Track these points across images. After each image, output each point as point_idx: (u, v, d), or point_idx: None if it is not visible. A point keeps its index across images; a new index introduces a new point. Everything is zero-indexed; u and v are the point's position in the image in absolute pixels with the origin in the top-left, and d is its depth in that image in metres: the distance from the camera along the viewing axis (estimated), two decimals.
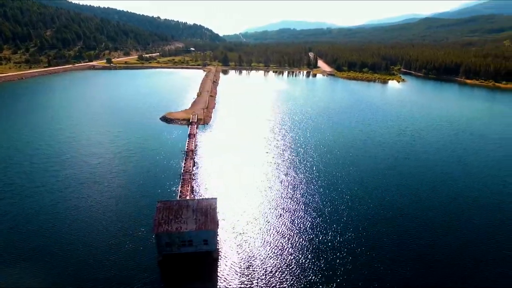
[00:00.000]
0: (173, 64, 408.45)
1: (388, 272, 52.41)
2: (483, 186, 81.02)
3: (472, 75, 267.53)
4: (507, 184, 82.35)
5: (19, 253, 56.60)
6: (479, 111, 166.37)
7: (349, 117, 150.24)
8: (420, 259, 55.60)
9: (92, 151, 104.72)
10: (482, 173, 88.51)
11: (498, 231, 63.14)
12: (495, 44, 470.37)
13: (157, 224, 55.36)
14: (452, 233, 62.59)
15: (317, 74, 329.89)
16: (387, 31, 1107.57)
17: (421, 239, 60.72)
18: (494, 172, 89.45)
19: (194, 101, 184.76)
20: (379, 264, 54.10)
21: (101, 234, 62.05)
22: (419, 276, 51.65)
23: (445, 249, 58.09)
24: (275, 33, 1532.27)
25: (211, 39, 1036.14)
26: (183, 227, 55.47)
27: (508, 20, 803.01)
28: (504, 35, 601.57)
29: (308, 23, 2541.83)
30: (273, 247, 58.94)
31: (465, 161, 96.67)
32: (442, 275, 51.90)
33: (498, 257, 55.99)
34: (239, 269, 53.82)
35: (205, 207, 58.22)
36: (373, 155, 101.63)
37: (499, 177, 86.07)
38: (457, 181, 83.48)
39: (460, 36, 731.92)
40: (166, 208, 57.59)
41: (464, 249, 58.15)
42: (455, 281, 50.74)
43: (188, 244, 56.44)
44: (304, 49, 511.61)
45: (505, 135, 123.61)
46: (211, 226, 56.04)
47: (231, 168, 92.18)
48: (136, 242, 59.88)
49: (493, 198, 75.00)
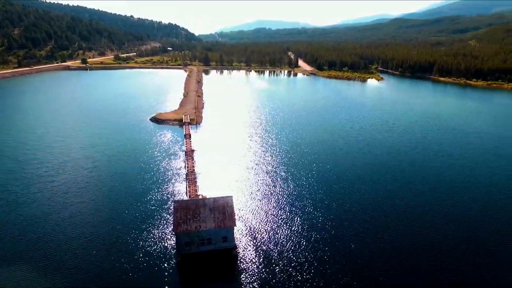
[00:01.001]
0: (152, 64, 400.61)
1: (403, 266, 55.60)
2: (477, 178, 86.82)
3: (444, 73, 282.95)
4: (494, 174, 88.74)
5: (29, 260, 54.79)
6: (456, 107, 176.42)
7: (338, 115, 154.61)
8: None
9: (85, 155, 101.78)
10: (471, 166, 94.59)
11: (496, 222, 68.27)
12: (462, 43, 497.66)
13: (176, 224, 55.40)
14: (451, 222, 67.01)
15: (298, 73, 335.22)
16: (359, 31, 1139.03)
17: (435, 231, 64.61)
18: (483, 164, 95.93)
19: (181, 101, 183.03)
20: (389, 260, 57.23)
21: (115, 239, 61.03)
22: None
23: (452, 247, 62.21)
24: (251, 32, 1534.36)
25: (187, 38, 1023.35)
26: (202, 225, 55.86)
27: (471, 21, 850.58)
28: (469, 35, 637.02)
29: (283, 23, 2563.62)
30: (289, 241, 60.50)
31: (452, 154, 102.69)
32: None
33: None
34: (259, 264, 54.91)
35: (222, 205, 58.82)
36: (367, 152, 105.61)
37: (489, 168, 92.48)
38: (449, 174, 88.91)
39: (429, 36, 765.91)
40: (183, 208, 57.65)
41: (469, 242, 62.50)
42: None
43: (207, 242, 56.88)
44: (282, 49, 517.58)
45: (483, 129, 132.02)
46: (229, 223, 56.81)
47: (233, 166, 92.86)
48: (153, 244, 59.58)
49: (490, 191, 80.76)
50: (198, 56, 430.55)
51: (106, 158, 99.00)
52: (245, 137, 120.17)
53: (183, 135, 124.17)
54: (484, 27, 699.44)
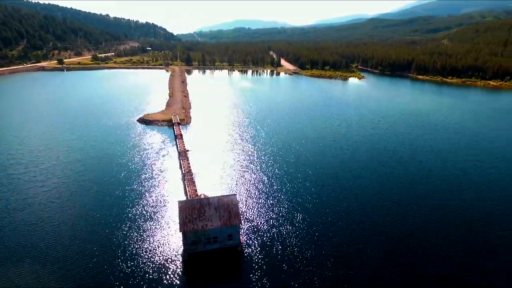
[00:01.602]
0: (132, 64, 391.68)
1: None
2: (463, 172, 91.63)
3: (422, 71, 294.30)
4: (477, 168, 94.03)
5: (31, 266, 53.34)
6: (435, 104, 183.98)
7: (325, 113, 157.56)
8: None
9: (74, 158, 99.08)
10: (455, 160, 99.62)
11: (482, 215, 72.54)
12: (435, 43, 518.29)
13: (183, 223, 55.49)
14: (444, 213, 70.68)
15: (281, 72, 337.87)
16: (337, 30, 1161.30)
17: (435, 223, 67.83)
18: (466, 158, 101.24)
19: (168, 101, 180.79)
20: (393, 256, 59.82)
21: (118, 242, 60.27)
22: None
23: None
24: (231, 32, 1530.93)
25: (166, 38, 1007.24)
26: (208, 224, 56.23)
27: (442, 21, 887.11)
28: (441, 34, 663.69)
29: (261, 22, 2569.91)
30: (291, 236, 61.88)
31: (438, 149, 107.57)
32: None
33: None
34: (263, 260, 55.86)
35: (227, 203, 59.37)
36: (356, 148, 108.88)
37: (473, 162, 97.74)
38: (437, 168, 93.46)
39: (403, 35, 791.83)
40: (188, 207, 57.77)
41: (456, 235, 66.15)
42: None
43: (213, 241, 57.31)
44: (264, 48, 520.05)
45: (463, 125, 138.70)
46: (235, 221, 57.49)
47: (228, 166, 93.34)
48: (158, 245, 59.47)
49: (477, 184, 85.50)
50: (180, 56, 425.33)
51: (97, 161, 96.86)
52: (236, 137, 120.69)
53: (173, 135, 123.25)
54: (454, 27, 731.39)
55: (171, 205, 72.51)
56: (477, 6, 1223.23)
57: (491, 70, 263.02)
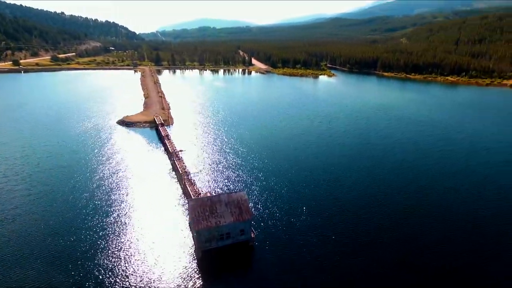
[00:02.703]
0: (97, 65, 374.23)
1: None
2: (438, 161, 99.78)
3: (387, 69, 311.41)
4: (450, 157, 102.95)
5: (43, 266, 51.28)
6: (404, 99, 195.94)
7: (304, 110, 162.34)
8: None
9: (57, 164, 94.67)
10: (431, 150, 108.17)
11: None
12: (394, 41, 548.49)
13: (196, 221, 56.03)
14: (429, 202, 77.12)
15: (253, 71, 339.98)
16: (301, 29, 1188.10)
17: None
18: (440, 149, 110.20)
19: (145, 102, 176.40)
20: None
21: (128, 245, 59.41)
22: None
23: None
24: (195, 31, 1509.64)
25: (128, 37, 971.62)
26: (221, 221, 57.24)
27: (399, 21, 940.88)
28: (398, 34, 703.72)
29: (225, 22, 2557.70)
30: (298, 227, 64.60)
31: (415, 141, 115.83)
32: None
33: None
34: (274, 252, 57.94)
35: (236, 199, 60.68)
36: (341, 143, 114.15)
37: (446, 152, 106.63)
38: (415, 158, 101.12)
39: (364, 34, 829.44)
40: (199, 205, 58.33)
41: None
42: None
43: (226, 237, 58.38)
44: (233, 48, 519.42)
45: (432, 117, 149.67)
46: (246, 216, 58.99)
47: (223, 164, 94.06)
48: (170, 245, 59.54)
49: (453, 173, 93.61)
50: (148, 56, 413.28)
51: (82, 165, 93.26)
52: (223, 136, 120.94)
53: (157, 136, 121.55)
54: (410, 27, 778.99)
55: (174, 206, 72.40)
56: (428, 6, 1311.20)
57: (449, 67, 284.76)
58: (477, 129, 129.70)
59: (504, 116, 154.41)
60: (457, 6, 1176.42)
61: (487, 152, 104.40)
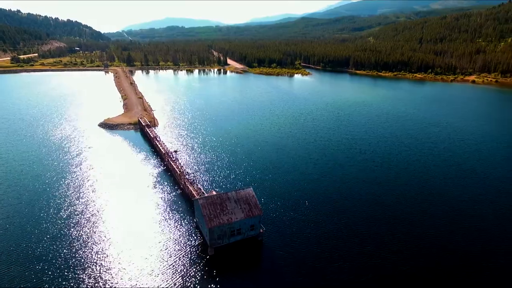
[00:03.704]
0: (64, 66, 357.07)
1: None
2: (422, 154, 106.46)
3: (359, 67, 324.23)
4: (432, 149, 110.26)
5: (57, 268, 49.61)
6: (380, 96, 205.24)
7: (288, 109, 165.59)
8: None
9: (45, 169, 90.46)
10: (413, 144, 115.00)
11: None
12: (362, 40, 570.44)
13: (208, 219, 56.57)
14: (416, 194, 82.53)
15: (228, 71, 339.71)
16: (271, 29, 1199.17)
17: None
18: (425, 140, 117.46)
19: (124, 104, 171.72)
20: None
21: (137, 250, 58.72)
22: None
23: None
24: (164, 30, 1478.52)
25: (93, 37, 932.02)
26: (233, 217, 58.20)
27: (364, 21, 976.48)
28: (365, 33, 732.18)
29: (193, 21, 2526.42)
30: (304, 221, 66.97)
31: (397, 135, 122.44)
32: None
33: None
34: (282, 246, 59.78)
35: (245, 196, 61.84)
36: (328, 138, 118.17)
37: (427, 144, 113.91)
38: (399, 152, 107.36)
39: (333, 33, 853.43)
40: (209, 203, 58.88)
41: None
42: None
43: (237, 233, 59.39)
44: (204, 47, 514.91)
45: (409, 112, 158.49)
46: (256, 211, 60.33)
47: (218, 163, 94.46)
48: (182, 246, 59.49)
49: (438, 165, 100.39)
50: (119, 57, 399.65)
51: (72, 171, 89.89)
52: (211, 135, 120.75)
53: (143, 138, 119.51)
54: (375, 26, 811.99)
55: (175, 207, 72.09)
56: (390, 7, 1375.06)
57: (416, 64, 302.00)
58: (450, 122, 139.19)
59: (471, 110, 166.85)
60: (416, 6, 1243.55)
61: (463, 143, 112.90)
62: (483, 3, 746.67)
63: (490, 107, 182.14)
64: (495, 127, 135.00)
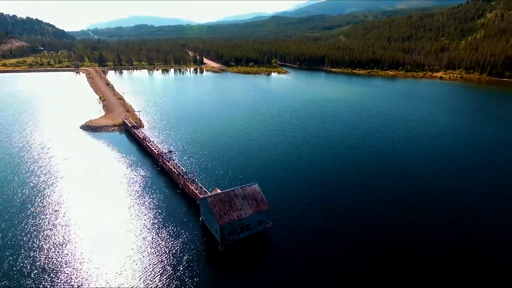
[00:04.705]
0: (29, 67, 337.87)
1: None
2: (405, 147, 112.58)
3: (334, 65, 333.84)
4: (415, 143, 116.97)
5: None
6: (358, 92, 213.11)
7: (272, 106, 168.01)
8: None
9: (40, 178, 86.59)
10: (396, 138, 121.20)
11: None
12: (334, 39, 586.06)
13: (219, 216, 57.42)
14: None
15: (205, 70, 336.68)
16: (244, 28, 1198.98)
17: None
18: (406, 134, 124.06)
19: (104, 105, 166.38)
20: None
21: (148, 254, 58.40)
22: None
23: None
24: (132, 29, 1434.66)
25: (57, 36, 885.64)
26: (242, 213, 59.44)
27: (334, 20, 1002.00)
28: (335, 31, 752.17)
29: (162, 19, 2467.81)
30: (308, 214, 69.42)
31: (381, 131, 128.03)
32: None
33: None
34: (288, 239, 61.82)
35: (251, 192, 63.23)
36: (316, 135, 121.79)
37: (411, 137, 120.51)
38: (384, 145, 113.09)
39: (304, 32, 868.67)
40: (218, 201, 59.71)
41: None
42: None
43: (246, 228, 60.66)
44: (178, 46, 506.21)
45: (388, 108, 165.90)
46: (263, 207, 61.95)
47: (214, 162, 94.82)
48: (189, 245, 59.79)
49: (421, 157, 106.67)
50: (90, 56, 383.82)
51: (60, 175, 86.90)
52: (200, 135, 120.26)
53: (129, 139, 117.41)
54: (345, 25, 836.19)
55: (178, 207, 72.06)
56: (358, 6, 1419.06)
57: (387, 62, 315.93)
58: (425, 117, 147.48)
59: (443, 104, 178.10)
60: (383, 6, 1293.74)
61: (441, 135, 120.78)
62: (444, 3, 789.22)
63: (459, 101, 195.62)
64: (466, 119, 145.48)
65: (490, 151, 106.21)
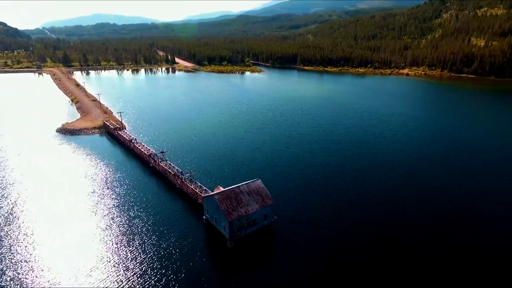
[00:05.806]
0: None
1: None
2: (384, 140, 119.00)
3: (306, 63, 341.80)
4: (391, 137, 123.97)
5: None
6: (332, 90, 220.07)
7: (253, 105, 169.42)
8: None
9: (22, 184, 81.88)
10: (376, 132, 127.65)
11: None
12: (302, 38, 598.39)
13: (227, 213, 58.34)
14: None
15: (177, 70, 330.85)
16: (211, 26, 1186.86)
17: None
18: (387, 130, 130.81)
19: (78, 108, 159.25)
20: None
21: (156, 258, 57.95)
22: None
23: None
24: (93, 27, 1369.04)
25: (9, 34, 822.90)
26: (249, 209, 60.75)
27: (300, 19, 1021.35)
28: (302, 30, 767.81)
29: (124, 18, 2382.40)
30: (310, 207, 72.05)
31: (361, 125, 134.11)
32: None
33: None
34: (292, 232, 64.20)
35: (255, 187, 64.66)
36: (300, 132, 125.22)
37: (390, 132, 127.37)
38: (366, 140, 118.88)
39: (272, 31, 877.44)
40: (225, 198, 60.55)
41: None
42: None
43: (253, 223, 62.03)
44: (146, 46, 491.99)
45: (363, 104, 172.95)
46: (268, 201, 63.66)
47: (210, 160, 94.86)
48: (195, 243, 60.10)
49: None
50: (52, 56, 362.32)
51: (50, 179, 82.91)
52: (187, 134, 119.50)
53: (111, 142, 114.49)
54: (311, 24, 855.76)
55: (178, 207, 71.86)
56: (321, 6, 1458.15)
57: (356, 60, 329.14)
58: (402, 112, 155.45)
59: (413, 99, 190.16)
60: (346, 6, 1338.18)
61: (417, 128, 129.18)
62: (403, 4, 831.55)
63: (427, 96, 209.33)
64: (436, 112, 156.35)
65: (461, 140, 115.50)
